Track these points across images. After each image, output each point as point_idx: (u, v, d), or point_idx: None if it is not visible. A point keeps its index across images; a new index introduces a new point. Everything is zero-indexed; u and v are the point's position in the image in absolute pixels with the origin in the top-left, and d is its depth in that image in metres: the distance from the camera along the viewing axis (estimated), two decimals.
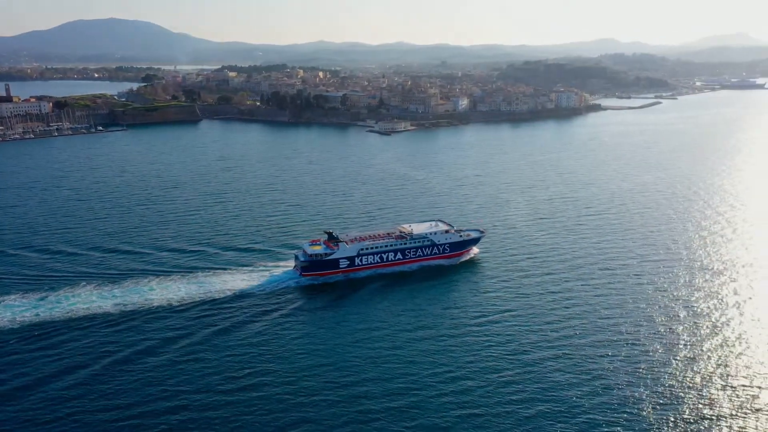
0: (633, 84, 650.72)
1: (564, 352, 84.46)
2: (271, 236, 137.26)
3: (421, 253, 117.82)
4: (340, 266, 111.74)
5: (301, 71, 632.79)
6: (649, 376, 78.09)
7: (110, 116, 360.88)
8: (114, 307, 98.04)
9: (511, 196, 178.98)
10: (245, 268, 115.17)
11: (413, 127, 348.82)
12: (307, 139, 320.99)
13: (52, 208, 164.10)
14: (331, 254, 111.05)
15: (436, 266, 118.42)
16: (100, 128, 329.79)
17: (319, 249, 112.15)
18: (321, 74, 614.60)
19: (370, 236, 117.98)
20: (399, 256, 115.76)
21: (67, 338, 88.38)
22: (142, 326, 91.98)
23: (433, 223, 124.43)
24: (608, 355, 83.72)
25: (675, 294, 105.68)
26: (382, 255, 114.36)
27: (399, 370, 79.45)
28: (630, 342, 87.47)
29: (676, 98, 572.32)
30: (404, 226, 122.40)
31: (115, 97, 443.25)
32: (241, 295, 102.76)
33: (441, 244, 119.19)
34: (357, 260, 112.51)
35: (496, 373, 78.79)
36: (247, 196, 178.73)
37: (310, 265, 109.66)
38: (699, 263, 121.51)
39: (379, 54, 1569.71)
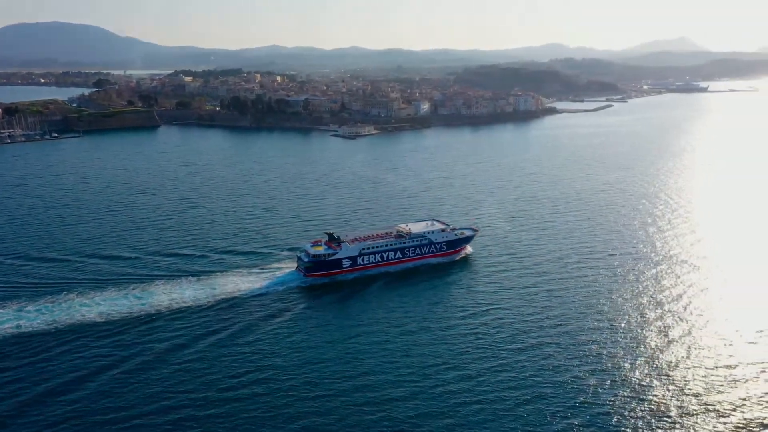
0: (585, 88, 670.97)
1: (555, 339, 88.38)
2: (251, 240, 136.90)
3: (419, 252, 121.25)
4: (343, 266, 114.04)
5: (259, 76, 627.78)
6: (636, 356, 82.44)
7: (64, 122, 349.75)
8: (126, 311, 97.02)
9: (481, 197, 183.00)
10: (242, 270, 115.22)
11: (377, 131, 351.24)
12: (271, 144, 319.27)
13: (16, 216, 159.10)
14: (334, 254, 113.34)
15: (435, 264, 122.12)
16: (55, 135, 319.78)
17: (321, 249, 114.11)
18: (279, 78, 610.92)
19: (369, 236, 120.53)
20: (398, 255, 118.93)
21: (68, 348, 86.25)
22: (167, 325, 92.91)
23: (429, 223, 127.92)
24: (595, 340, 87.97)
25: (648, 284, 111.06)
26: (383, 254, 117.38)
27: (403, 362, 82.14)
28: (612, 329, 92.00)
29: (627, 101, 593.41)
30: (401, 226, 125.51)
31: (67, 102, 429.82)
32: (251, 297, 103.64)
33: (438, 243, 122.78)
34: (359, 260, 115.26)
35: (494, 360, 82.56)
36: (220, 200, 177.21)
37: (314, 265, 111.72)
38: (664, 255, 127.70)
39: (333, 58, 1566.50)
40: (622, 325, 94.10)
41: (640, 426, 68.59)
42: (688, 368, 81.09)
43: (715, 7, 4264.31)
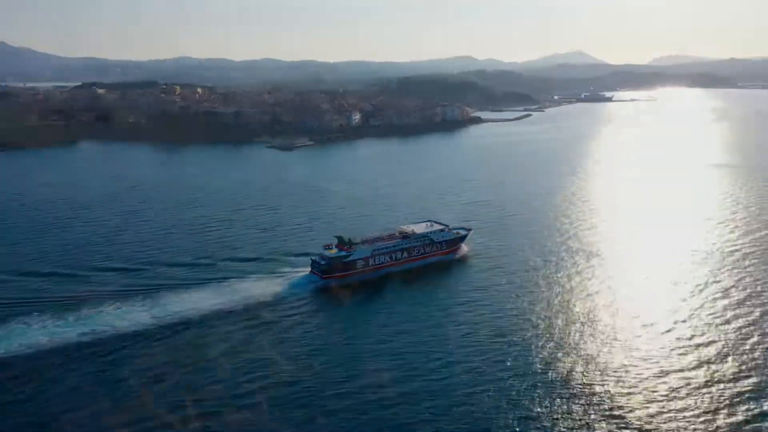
0: (502, 98, 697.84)
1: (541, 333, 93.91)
2: (214, 252, 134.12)
3: (423, 252, 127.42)
4: (357, 267, 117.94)
5: (178, 88, 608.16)
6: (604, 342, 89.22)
7: None
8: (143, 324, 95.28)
9: (428, 204, 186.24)
10: (256, 275, 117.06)
11: (311, 143, 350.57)
12: (205, 157, 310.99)
13: None
14: (348, 256, 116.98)
15: (437, 262, 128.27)
16: None
17: (335, 252, 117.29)
18: (200, 90, 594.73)
19: (377, 238, 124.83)
20: (405, 255, 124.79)
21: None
22: (207, 332, 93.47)
23: (429, 224, 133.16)
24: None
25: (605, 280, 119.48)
26: (392, 254, 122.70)
27: (421, 358, 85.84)
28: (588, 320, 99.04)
29: (543, 110, 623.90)
30: (403, 227, 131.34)
31: None
32: (275, 300, 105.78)
33: (439, 242, 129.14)
34: (371, 260, 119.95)
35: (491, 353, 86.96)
36: (171, 214, 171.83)
37: (330, 267, 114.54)
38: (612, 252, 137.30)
39: (246, 70, 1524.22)
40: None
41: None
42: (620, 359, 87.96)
43: (607, 23, 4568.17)
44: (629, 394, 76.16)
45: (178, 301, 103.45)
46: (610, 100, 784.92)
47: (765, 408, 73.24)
